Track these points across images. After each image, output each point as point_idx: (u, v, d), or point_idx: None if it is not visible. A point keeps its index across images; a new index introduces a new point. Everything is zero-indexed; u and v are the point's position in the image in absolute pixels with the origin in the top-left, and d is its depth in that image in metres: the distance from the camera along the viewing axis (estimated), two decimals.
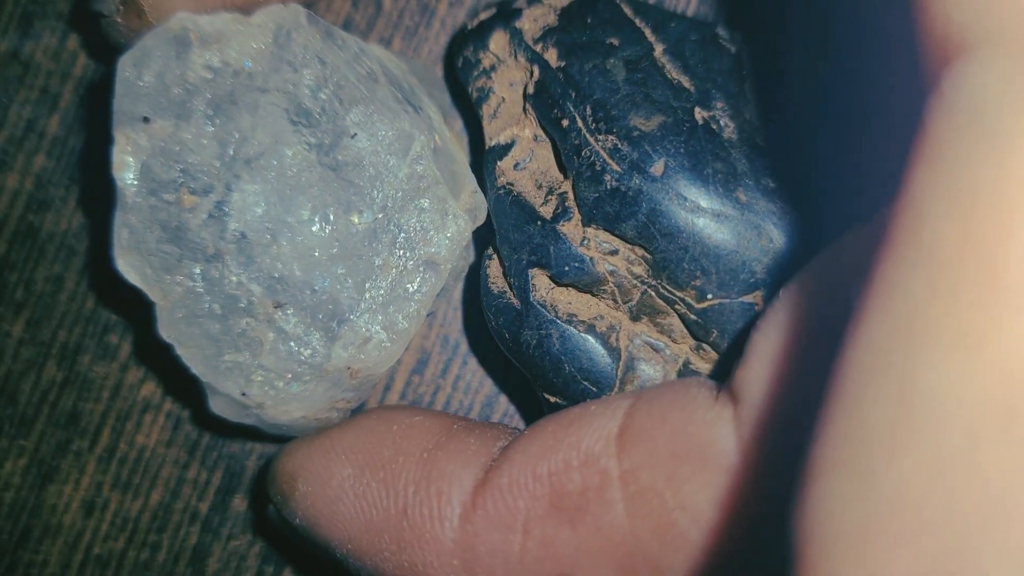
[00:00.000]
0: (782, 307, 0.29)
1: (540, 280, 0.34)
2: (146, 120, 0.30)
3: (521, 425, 0.39)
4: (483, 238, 0.38)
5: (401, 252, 0.33)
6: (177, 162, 0.31)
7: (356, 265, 0.32)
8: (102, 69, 0.41)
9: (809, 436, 0.18)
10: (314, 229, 0.32)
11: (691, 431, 0.28)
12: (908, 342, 0.16)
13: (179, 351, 0.32)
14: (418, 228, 0.33)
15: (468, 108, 0.40)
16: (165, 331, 0.32)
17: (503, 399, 0.42)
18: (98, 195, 0.38)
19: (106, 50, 0.36)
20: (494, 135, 0.36)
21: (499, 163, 0.35)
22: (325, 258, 0.32)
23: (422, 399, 0.42)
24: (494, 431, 0.33)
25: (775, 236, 0.32)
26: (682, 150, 0.32)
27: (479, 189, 0.35)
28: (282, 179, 0.31)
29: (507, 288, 0.35)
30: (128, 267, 0.31)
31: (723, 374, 0.31)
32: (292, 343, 0.32)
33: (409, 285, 0.33)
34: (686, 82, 0.34)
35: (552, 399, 0.35)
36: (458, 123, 0.41)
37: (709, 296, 0.33)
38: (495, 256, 0.36)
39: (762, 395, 0.28)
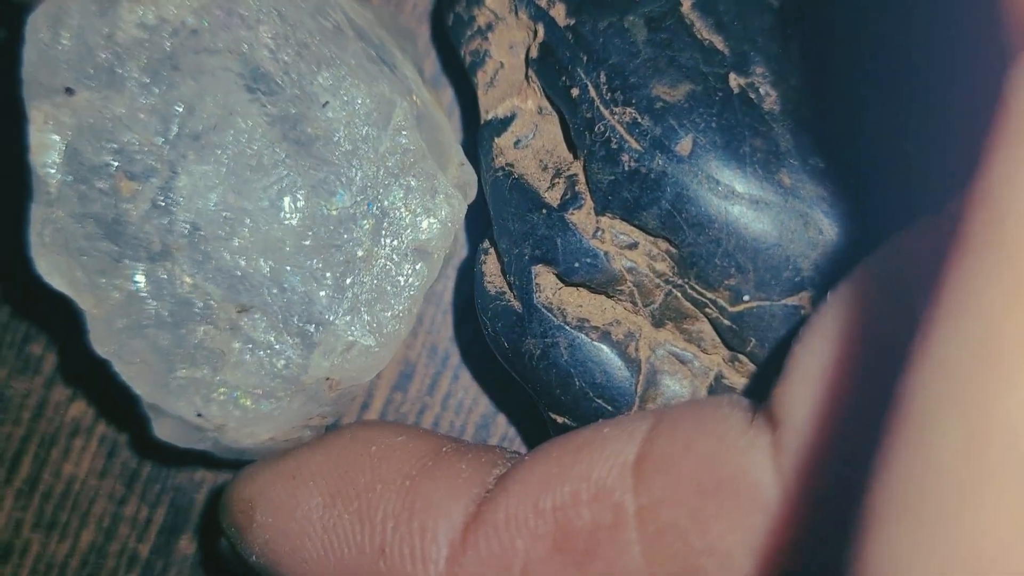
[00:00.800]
0: (831, 313, 0.26)
1: (545, 279, 0.31)
2: (68, 92, 0.27)
3: (522, 450, 0.35)
4: (475, 227, 0.34)
5: (387, 240, 0.30)
6: (110, 141, 0.28)
7: (334, 257, 0.30)
8: (3, 32, 0.38)
9: (866, 473, 0.17)
10: (281, 217, 0.29)
11: (721, 460, 0.26)
12: (986, 365, 0.15)
13: (118, 367, 0.29)
14: (404, 211, 0.30)
15: (459, 76, 0.36)
16: (100, 344, 0.29)
17: (501, 419, 0.38)
18: (11, 185, 0.35)
19: (10, 8, 0.32)
20: (491, 107, 0.32)
21: (497, 140, 0.32)
22: (296, 251, 0.29)
23: (405, 420, 0.39)
24: (489, 456, 0.31)
25: (825, 226, 0.29)
26: (714, 124, 0.29)
27: (467, 160, 0.32)
28: (239, 158, 0.29)
29: (506, 288, 0.32)
30: (52, 270, 0.28)
31: (761, 391, 0.28)
32: (262, 353, 0.30)
33: (398, 279, 0.30)
34: (719, 43, 0.30)
35: (559, 419, 0.31)
36: (447, 94, 0.37)
37: (746, 298, 0.29)
38: (492, 250, 0.33)
39: (806, 419, 0.25)
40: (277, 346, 0.29)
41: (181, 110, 0.28)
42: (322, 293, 0.29)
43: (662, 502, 0.26)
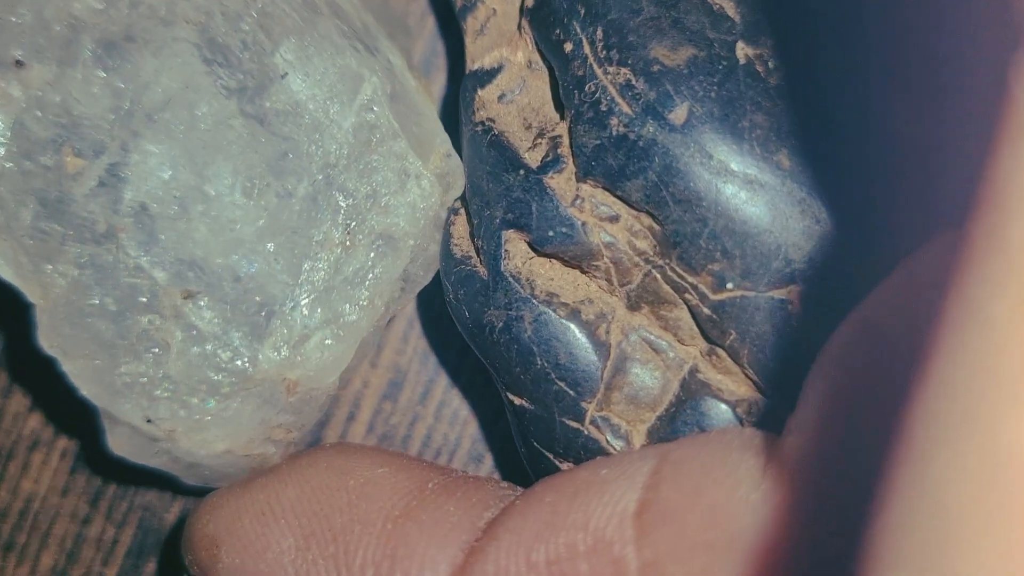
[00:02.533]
0: (848, 343, 0.25)
1: (516, 246, 0.30)
2: (19, 64, 0.27)
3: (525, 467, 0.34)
4: None
5: (347, 223, 0.29)
6: (59, 116, 0.27)
7: (290, 242, 0.29)
8: None
9: (866, 511, 0.17)
10: (235, 197, 0.28)
11: (732, 514, 0.25)
12: (989, 391, 0.14)
13: (65, 366, 0.28)
14: (368, 192, 0.29)
15: (450, 38, 0.35)
16: (46, 339, 0.28)
17: (499, 430, 0.37)
18: None
19: None
20: (478, 56, 0.32)
21: (480, 92, 0.31)
22: (249, 234, 0.28)
23: (395, 432, 0.37)
24: (480, 494, 0.29)
25: (823, 216, 0.28)
26: (713, 94, 0.28)
27: (455, 152, 0.32)
28: (193, 135, 0.28)
29: (473, 252, 0.31)
30: (3, 263, 0.28)
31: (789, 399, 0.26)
32: (207, 344, 0.29)
33: (359, 266, 0.30)
34: (730, 8, 0.29)
35: (516, 401, 0.30)
36: (439, 81, 0.36)
37: (729, 285, 0.28)
38: (463, 211, 0.32)
39: (823, 467, 0.24)
40: (223, 336, 0.29)
41: (135, 85, 0.28)
42: (275, 280, 0.29)
43: (668, 558, 0.25)
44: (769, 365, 0.28)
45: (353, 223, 0.29)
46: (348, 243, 0.29)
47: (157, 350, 0.28)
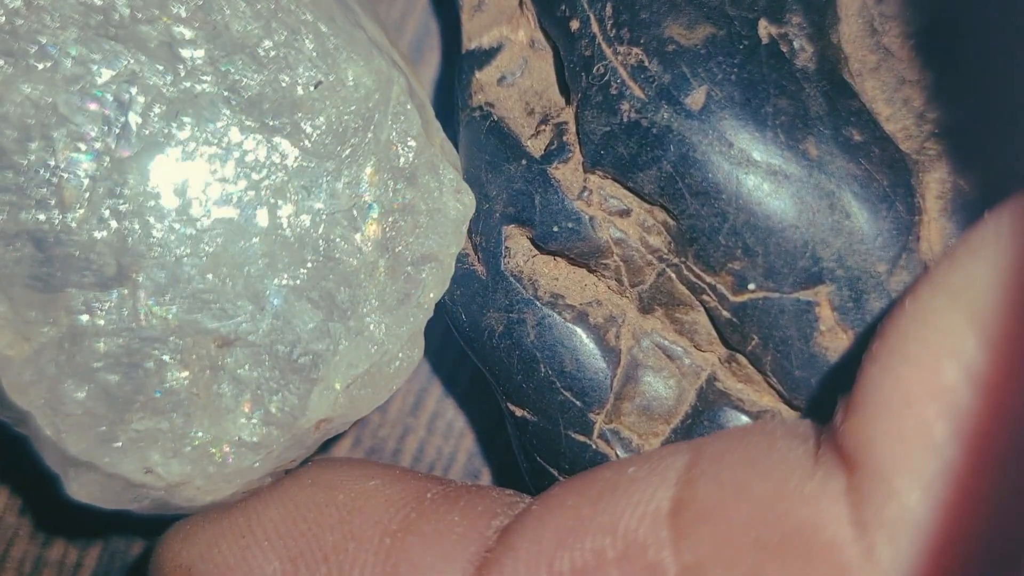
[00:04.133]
0: (919, 326, 0.22)
1: (518, 242, 0.29)
2: None
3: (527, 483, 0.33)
4: None
5: (389, 246, 0.28)
6: (41, 136, 0.25)
7: (326, 270, 0.27)
8: None
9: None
10: (256, 221, 0.26)
11: (784, 509, 0.23)
12: None
13: (44, 421, 0.26)
14: (410, 212, 0.28)
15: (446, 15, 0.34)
16: (20, 394, 0.25)
17: (500, 444, 0.36)
18: None
19: None
20: (475, 35, 0.31)
21: (477, 74, 0.30)
22: (276, 261, 0.27)
23: (384, 446, 0.36)
24: (486, 501, 0.28)
25: (853, 210, 0.27)
26: (733, 77, 0.27)
27: (447, 137, 0.30)
28: (202, 148, 0.26)
29: (470, 249, 0.30)
30: None
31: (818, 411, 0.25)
32: (246, 395, 0.27)
33: (404, 291, 0.28)
34: None
35: (518, 412, 0.29)
36: (431, 63, 0.35)
37: (751, 286, 0.27)
38: None
39: (896, 462, 0.22)
40: (270, 385, 0.27)
41: (129, 90, 0.25)
42: (310, 314, 0.27)
43: (711, 561, 0.24)
44: (794, 373, 0.27)
45: (396, 246, 0.28)
46: (391, 268, 0.28)
47: (186, 403, 0.26)
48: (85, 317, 0.26)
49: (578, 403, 0.28)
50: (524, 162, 0.29)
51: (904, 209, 0.27)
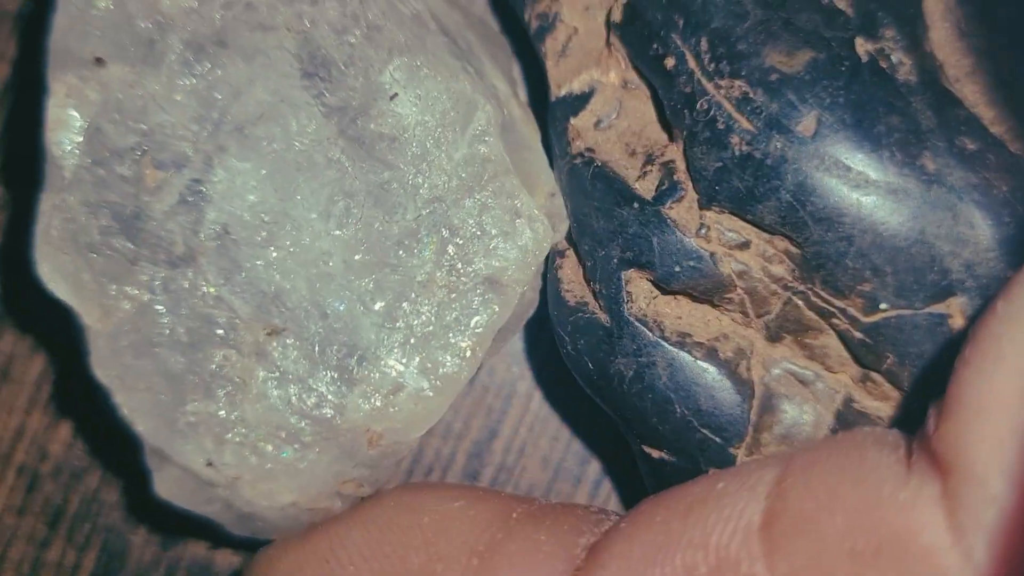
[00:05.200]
0: (1010, 326, 0.23)
1: (638, 286, 0.30)
2: (99, 62, 0.26)
3: (612, 505, 0.34)
4: None
5: (453, 264, 0.29)
6: (139, 123, 0.27)
7: (388, 280, 0.28)
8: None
9: None
10: (329, 227, 0.28)
11: (879, 518, 0.23)
12: None
13: (119, 398, 0.28)
14: (478, 232, 0.29)
15: (528, 59, 0.34)
16: (101, 368, 0.27)
17: (498, 442, 0.36)
18: (24, 172, 0.34)
19: None
20: (564, 81, 0.31)
21: (572, 120, 0.31)
22: (343, 268, 0.28)
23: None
24: (571, 520, 0.29)
25: (977, 220, 0.28)
26: (841, 99, 0.28)
27: (558, 191, 0.31)
28: (286, 154, 0.27)
29: (589, 297, 0.31)
30: (55, 273, 0.27)
31: (910, 421, 0.26)
32: (291, 386, 0.28)
33: (462, 312, 0.29)
34: (841, 1, 0.28)
35: (655, 454, 0.30)
36: (519, 96, 0.36)
37: (883, 306, 0.28)
38: (570, 252, 0.31)
39: (992, 465, 0.22)
40: (310, 380, 0.28)
41: (225, 94, 0.27)
42: (369, 321, 0.28)
43: (806, 573, 0.24)
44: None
45: (459, 264, 0.29)
46: (452, 286, 0.29)
47: (232, 389, 0.28)
48: (152, 295, 0.27)
49: (717, 439, 0.29)
50: (636, 205, 0.29)
51: None
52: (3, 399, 0.36)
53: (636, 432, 0.30)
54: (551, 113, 0.31)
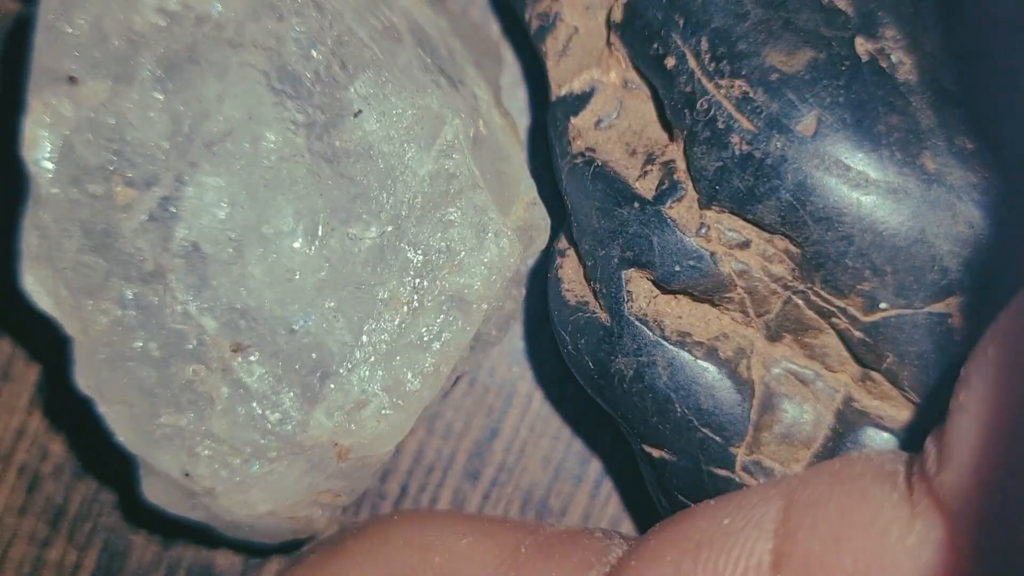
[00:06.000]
0: (1004, 351, 0.23)
1: (639, 285, 0.30)
2: (72, 80, 0.27)
3: (614, 502, 0.34)
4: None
5: (417, 282, 0.29)
6: (111, 141, 0.27)
7: (352, 297, 0.28)
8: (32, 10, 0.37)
9: None
10: (296, 244, 0.28)
11: (887, 564, 0.24)
12: None
13: (101, 408, 0.28)
14: (442, 248, 0.29)
15: (528, 59, 0.34)
16: (83, 378, 0.28)
17: (501, 445, 0.36)
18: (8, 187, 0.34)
19: None
20: (564, 81, 0.31)
21: (573, 120, 0.31)
22: (309, 285, 0.28)
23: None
24: (580, 552, 0.29)
25: (976, 219, 0.28)
26: (841, 99, 0.28)
27: (539, 200, 0.31)
28: (254, 171, 0.28)
29: (590, 297, 0.31)
30: (37, 286, 0.27)
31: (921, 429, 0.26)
32: (254, 403, 0.28)
33: (425, 330, 0.29)
34: (841, 0, 0.28)
35: (655, 453, 0.30)
36: (519, 95, 0.36)
37: (883, 305, 0.28)
38: (571, 251, 0.32)
39: (993, 510, 0.23)
40: (273, 396, 0.28)
41: (195, 111, 0.27)
42: (333, 338, 0.28)
43: None
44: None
45: (423, 281, 0.29)
46: (416, 304, 0.29)
47: (200, 404, 0.28)
48: (123, 311, 0.28)
49: (717, 439, 0.29)
50: (636, 205, 0.29)
51: None
52: (4, 399, 0.36)
53: (637, 431, 0.30)
54: (551, 113, 0.31)
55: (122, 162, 0.27)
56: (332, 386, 0.28)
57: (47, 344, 0.35)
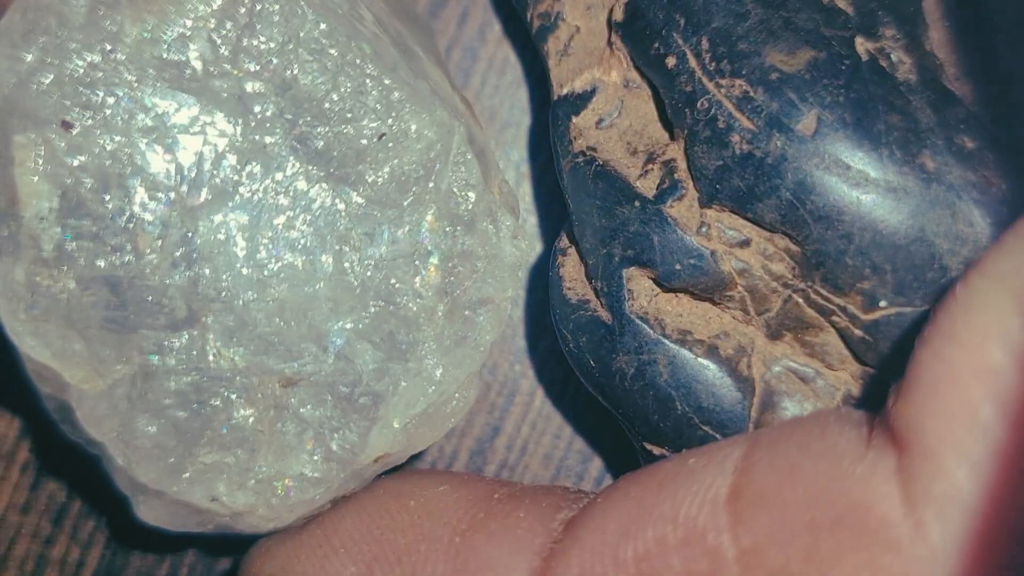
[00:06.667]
0: (966, 311, 0.24)
1: (639, 284, 0.30)
2: (66, 126, 0.26)
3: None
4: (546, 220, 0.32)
5: (446, 290, 0.29)
6: (119, 185, 0.27)
7: (385, 312, 0.29)
8: None
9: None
10: (321, 266, 0.28)
11: (837, 490, 0.25)
12: None
13: (115, 451, 0.28)
14: (467, 256, 0.29)
15: (530, 59, 0.35)
16: (94, 426, 0.28)
17: (502, 444, 0.37)
18: None
19: None
20: (565, 80, 0.31)
21: (574, 120, 0.31)
22: (340, 305, 0.29)
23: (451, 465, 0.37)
24: (550, 498, 0.30)
25: (976, 218, 0.28)
26: (841, 98, 0.28)
27: (505, 179, 0.32)
28: (269, 199, 0.28)
29: (591, 295, 0.31)
30: (38, 344, 0.27)
31: (878, 399, 0.27)
32: (312, 433, 0.29)
33: (463, 335, 0.30)
34: (841, 0, 0.28)
35: (657, 451, 0.31)
36: (520, 95, 0.36)
37: (882, 303, 0.29)
38: (572, 250, 0.32)
39: (942, 441, 0.23)
40: (331, 423, 0.29)
41: (201, 141, 0.27)
42: (371, 355, 0.29)
43: (768, 543, 0.25)
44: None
45: (453, 289, 0.29)
46: (449, 312, 0.29)
47: (250, 439, 0.28)
48: (156, 357, 0.27)
49: (718, 436, 0.30)
50: (637, 204, 0.30)
51: None
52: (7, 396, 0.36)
53: (638, 429, 0.31)
54: (553, 112, 0.32)
55: (136, 206, 0.27)
56: (383, 406, 0.29)
57: None
